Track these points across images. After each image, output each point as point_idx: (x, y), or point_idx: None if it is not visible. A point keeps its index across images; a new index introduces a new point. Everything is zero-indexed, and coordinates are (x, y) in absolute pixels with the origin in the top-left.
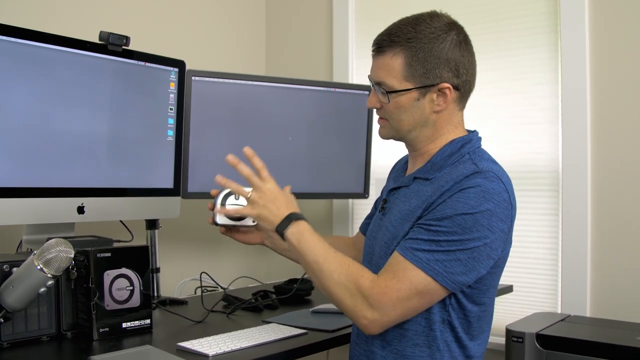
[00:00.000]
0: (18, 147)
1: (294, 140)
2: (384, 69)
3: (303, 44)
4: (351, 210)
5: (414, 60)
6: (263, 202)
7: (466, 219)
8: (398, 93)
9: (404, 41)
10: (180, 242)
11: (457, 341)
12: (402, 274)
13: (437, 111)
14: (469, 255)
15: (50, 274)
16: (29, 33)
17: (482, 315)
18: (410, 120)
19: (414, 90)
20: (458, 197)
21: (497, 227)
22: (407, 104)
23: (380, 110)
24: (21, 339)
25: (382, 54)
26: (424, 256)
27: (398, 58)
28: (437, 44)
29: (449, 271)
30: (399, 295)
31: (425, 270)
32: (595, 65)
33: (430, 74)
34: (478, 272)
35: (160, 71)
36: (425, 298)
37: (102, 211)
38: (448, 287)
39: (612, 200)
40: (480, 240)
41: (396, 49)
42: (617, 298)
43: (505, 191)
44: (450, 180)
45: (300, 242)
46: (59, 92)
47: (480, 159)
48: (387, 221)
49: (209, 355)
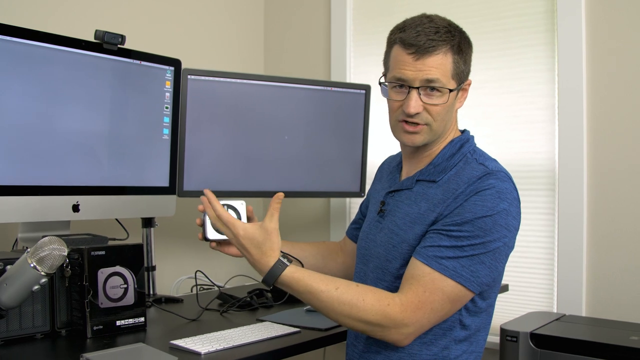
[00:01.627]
0: (13, 145)
1: (291, 139)
2: (437, 68)
3: (301, 42)
4: (348, 209)
5: (460, 58)
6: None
7: (486, 221)
8: (453, 92)
9: (449, 40)
10: (176, 240)
11: (466, 339)
12: (432, 286)
13: (457, 108)
14: (492, 256)
15: (44, 272)
16: (24, 32)
17: (488, 310)
18: (449, 119)
19: (457, 89)
20: (475, 200)
21: (512, 226)
22: (451, 103)
23: (420, 115)
24: (15, 337)
25: (432, 53)
26: (450, 264)
27: (449, 57)
28: (466, 42)
29: (476, 275)
30: (432, 307)
31: (454, 278)
32: (591, 65)
33: (466, 70)
34: (499, 272)
35: (156, 70)
36: (456, 304)
37: (97, 209)
38: (475, 291)
39: (608, 199)
40: (500, 241)
41: (445, 48)
42: (612, 298)
43: (515, 190)
44: (461, 183)
45: (298, 294)
46: (54, 90)
47: (484, 159)
48: (391, 223)
49: (201, 353)
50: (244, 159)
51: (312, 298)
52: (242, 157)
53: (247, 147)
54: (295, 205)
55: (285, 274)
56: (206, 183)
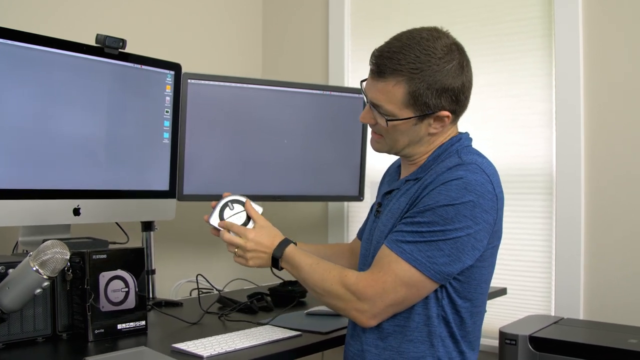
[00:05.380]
0: (14, 149)
1: (290, 143)
2: (384, 94)
3: (299, 47)
4: (346, 213)
5: (417, 91)
6: (251, 255)
7: (448, 210)
8: (397, 120)
9: (407, 71)
10: (176, 244)
11: (451, 337)
12: (387, 267)
13: (432, 133)
14: (452, 245)
15: (46, 276)
16: (25, 36)
17: (474, 311)
18: (405, 140)
19: (413, 118)
20: (440, 190)
21: (481, 218)
22: (404, 128)
23: (375, 127)
24: (17, 340)
25: (382, 79)
26: (408, 247)
27: (400, 87)
28: (441, 75)
29: (432, 261)
30: (384, 287)
31: (409, 260)
32: (588, 70)
33: (431, 103)
34: (463, 263)
35: (157, 74)
36: (412, 289)
37: (98, 213)
38: (433, 278)
39: (606, 203)
40: (462, 231)
41: (398, 78)
42: (610, 301)
43: (489, 182)
44: (433, 173)
45: (293, 267)
46: (55, 94)
47: (465, 153)
48: (380, 223)
49: (203, 357)
50: (244, 162)
51: (299, 271)
52: (242, 160)
53: (246, 151)
54: (294, 209)
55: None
56: (206, 187)
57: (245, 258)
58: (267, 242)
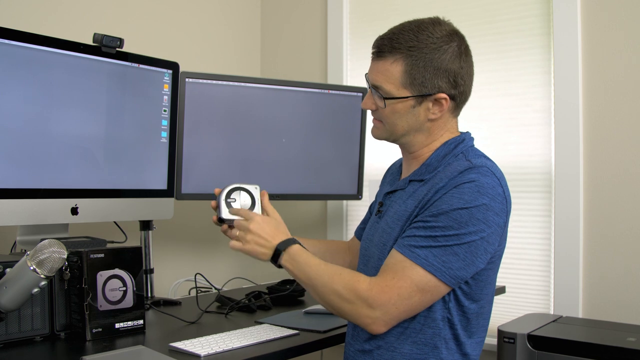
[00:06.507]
0: (12, 148)
1: (288, 142)
2: (382, 73)
3: (298, 45)
4: (345, 212)
5: (413, 68)
6: (251, 239)
7: (462, 213)
8: (395, 100)
9: (405, 49)
10: (174, 243)
11: (455, 339)
12: (401, 273)
13: (432, 119)
14: (466, 249)
15: (43, 275)
16: (23, 35)
17: (480, 312)
18: (404, 125)
19: (411, 98)
20: (453, 193)
21: (493, 221)
22: (402, 110)
23: (376, 112)
24: (14, 339)
25: (382, 58)
26: (422, 252)
27: (398, 65)
28: (438, 54)
29: (447, 266)
30: (399, 293)
31: (424, 266)
32: (587, 68)
33: (429, 83)
34: (476, 267)
35: (154, 73)
36: (426, 295)
37: (96, 212)
38: (448, 283)
39: (604, 201)
40: (476, 235)
41: (396, 56)
42: (609, 299)
43: (499, 185)
44: (444, 177)
45: (294, 266)
46: (53, 93)
47: (473, 156)
48: (384, 223)
49: (200, 356)
50: (242, 161)
51: (305, 269)
52: (240, 159)
53: (245, 150)
54: (293, 208)
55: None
56: (204, 186)
57: (244, 240)
58: (271, 232)
